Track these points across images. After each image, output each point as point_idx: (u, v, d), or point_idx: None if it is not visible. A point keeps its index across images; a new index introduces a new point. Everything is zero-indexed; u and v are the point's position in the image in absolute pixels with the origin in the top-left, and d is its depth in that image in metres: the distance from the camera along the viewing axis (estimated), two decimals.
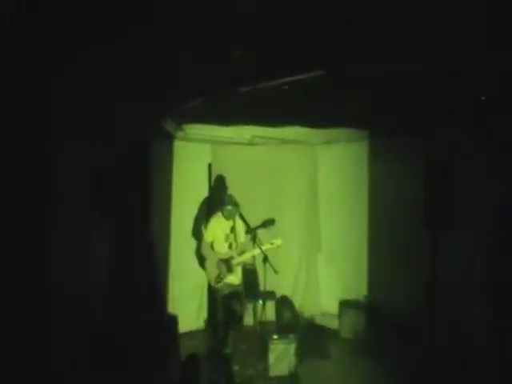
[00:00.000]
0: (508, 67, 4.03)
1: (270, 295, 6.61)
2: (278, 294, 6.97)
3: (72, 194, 4.30)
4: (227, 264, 5.89)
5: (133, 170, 5.32)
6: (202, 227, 6.17)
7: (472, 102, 4.67)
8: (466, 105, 4.80)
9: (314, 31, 4.08)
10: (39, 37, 3.33)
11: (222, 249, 5.95)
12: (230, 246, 5.98)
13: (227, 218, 5.93)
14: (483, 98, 4.47)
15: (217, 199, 6.60)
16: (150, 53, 4.40)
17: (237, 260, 5.92)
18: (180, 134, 6.53)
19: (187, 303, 6.76)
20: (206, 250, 6.01)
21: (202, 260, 6.35)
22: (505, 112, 4.51)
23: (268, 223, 6.87)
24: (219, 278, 5.86)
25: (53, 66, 3.64)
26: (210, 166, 7.09)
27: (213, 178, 7.05)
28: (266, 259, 5.74)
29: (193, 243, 6.79)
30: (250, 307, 6.55)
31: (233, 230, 5.96)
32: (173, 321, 5.98)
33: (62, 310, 3.98)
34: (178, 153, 6.69)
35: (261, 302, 6.32)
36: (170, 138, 6.51)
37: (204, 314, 6.92)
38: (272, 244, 5.83)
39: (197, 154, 7.00)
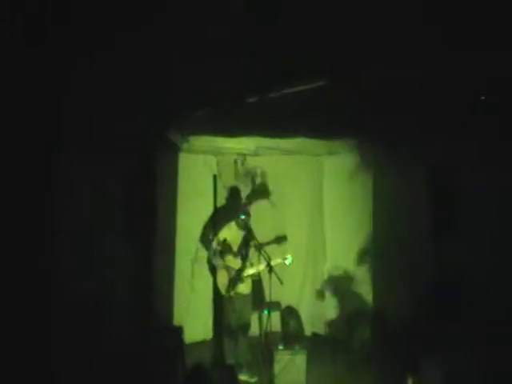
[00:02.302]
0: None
1: (275, 306, 6.59)
2: (284, 304, 6.94)
3: (76, 204, 4.31)
4: (239, 274, 5.87)
5: (138, 181, 5.34)
6: (214, 236, 6.14)
7: (472, 106, 4.68)
8: (466, 110, 4.81)
9: (318, 39, 4.12)
10: (41, 47, 3.38)
11: (234, 258, 5.93)
12: (242, 256, 5.95)
13: (241, 228, 5.92)
14: (483, 97, 4.48)
15: (230, 209, 6.61)
16: (155, 63, 4.45)
17: (247, 271, 5.90)
18: (185, 145, 6.56)
19: (193, 313, 6.76)
20: (217, 260, 5.96)
21: (212, 269, 6.35)
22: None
23: (281, 239, 6.88)
24: (231, 287, 5.82)
25: (56, 74, 3.68)
26: (215, 177, 7.12)
27: (220, 189, 7.07)
28: (271, 270, 5.72)
29: (198, 253, 6.81)
30: (255, 318, 6.52)
31: (244, 240, 5.95)
32: (178, 331, 5.96)
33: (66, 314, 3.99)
34: (183, 164, 6.72)
35: (266, 312, 6.28)
36: (175, 150, 6.54)
37: (210, 324, 6.90)
38: (285, 259, 5.84)
39: (202, 166, 7.04)
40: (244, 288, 5.88)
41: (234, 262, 5.89)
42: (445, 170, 5.38)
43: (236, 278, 5.82)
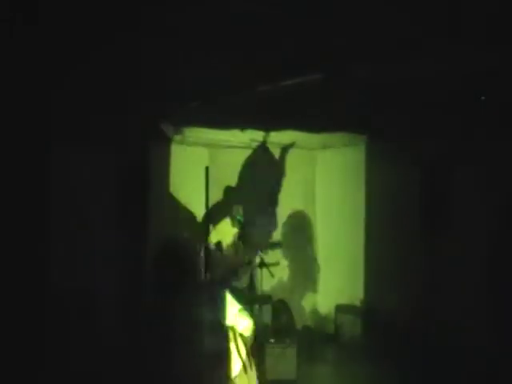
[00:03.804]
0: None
1: (266, 299, 6.60)
2: (275, 298, 6.96)
3: (72, 196, 4.30)
4: (234, 270, 5.87)
5: (130, 173, 5.31)
6: (208, 232, 6.14)
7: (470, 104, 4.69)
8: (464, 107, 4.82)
9: (313, 32, 4.10)
10: (39, 42, 3.34)
11: (229, 254, 5.93)
12: (237, 253, 5.95)
13: (235, 226, 5.96)
14: (483, 97, 4.50)
15: (223, 207, 6.59)
16: (149, 56, 4.41)
17: (244, 267, 5.91)
18: (177, 137, 6.52)
19: None
20: (211, 256, 5.95)
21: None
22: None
23: (275, 246, 6.88)
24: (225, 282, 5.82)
25: (52, 69, 3.64)
26: (207, 169, 7.08)
27: (212, 183, 7.04)
28: (262, 263, 5.75)
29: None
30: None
31: (240, 237, 5.97)
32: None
33: (63, 313, 3.98)
34: (175, 156, 6.68)
35: (257, 305, 6.31)
36: (167, 141, 6.50)
37: None
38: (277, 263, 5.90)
39: (194, 158, 7.00)
40: (238, 283, 5.89)
41: (229, 258, 5.89)
42: (439, 164, 5.42)
43: (230, 273, 5.83)
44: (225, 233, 5.97)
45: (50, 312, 3.86)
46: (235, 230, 5.98)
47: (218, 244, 5.95)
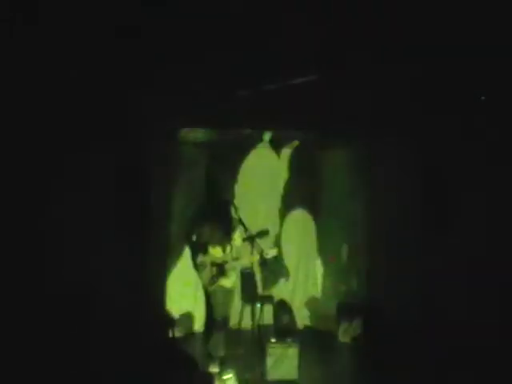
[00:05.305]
0: None
1: (267, 299, 6.60)
2: (276, 297, 6.96)
3: (71, 194, 4.30)
4: (221, 268, 5.85)
5: (130, 173, 5.31)
6: (197, 231, 6.15)
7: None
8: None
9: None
10: (39, 42, 3.35)
11: (216, 252, 5.92)
12: (224, 250, 5.93)
13: (231, 222, 5.93)
14: (483, 97, 4.50)
15: (214, 204, 6.60)
16: (149, 55, 4.42)
17: (231, 264, 5.89)
18: (177, 136, 6.53)
19: (186, 306, 6.80)
20: (199, 253, 5.96)
21: (196, 263, 6.35)
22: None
23: (262, 234, 6.87)
24: (212, 281, 5.82)
25: (52, 69, 3.65)
26: (207, 169, 7.10)
27: (210, 182, 7.06)
28: (264, 263, 5.73)
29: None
30: (248, 311, 6.56)
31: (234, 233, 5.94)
32: (171, 324, 5.98)
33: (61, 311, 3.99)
34: (175, 156, 6.69)
35: (259, 305, 6.32)
36: (167, 141, 6.50)
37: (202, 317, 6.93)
38: (267, 254, 5.83)
39: (194, 158, 7.01)
40: (227, 282, 5.86)
41: (216, 256, 5.88)
42: (438, 163, 5.42)
43: (217, 271, 5.82)
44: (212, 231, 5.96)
45: (48, 311, 3.87)
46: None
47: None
